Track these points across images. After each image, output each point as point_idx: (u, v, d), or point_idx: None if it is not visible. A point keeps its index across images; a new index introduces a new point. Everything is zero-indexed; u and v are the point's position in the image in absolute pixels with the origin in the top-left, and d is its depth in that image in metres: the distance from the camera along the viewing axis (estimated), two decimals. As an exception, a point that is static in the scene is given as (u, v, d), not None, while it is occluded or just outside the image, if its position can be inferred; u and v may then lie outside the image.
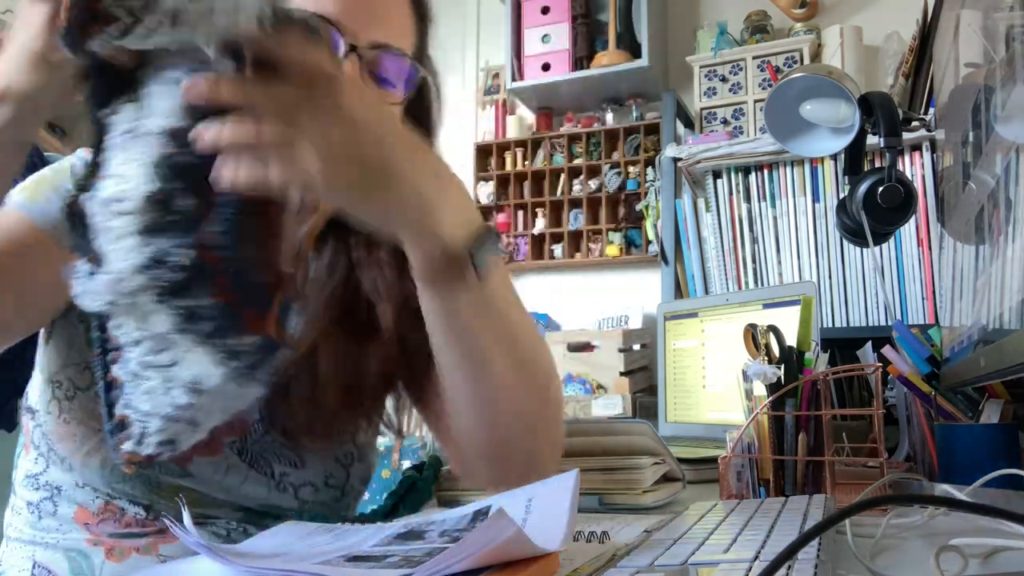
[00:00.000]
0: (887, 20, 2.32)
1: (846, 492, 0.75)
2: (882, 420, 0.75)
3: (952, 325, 0.97)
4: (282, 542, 0.56)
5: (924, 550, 0.55)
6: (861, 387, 1.42)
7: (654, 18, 2.52)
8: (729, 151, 2.05)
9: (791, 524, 0.54)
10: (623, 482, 0.77)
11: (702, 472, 1.01)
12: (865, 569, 0.48)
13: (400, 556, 0.45)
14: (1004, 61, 0.66)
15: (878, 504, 0.60)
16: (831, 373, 0.79)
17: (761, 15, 2.46)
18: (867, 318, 1.91)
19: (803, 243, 1.99)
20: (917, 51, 1.95)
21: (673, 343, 1.58)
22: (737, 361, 0.84)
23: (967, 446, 0.81)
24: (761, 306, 1.37)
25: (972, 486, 0.69)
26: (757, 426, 0.79)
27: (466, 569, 0.40)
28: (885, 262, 1.89)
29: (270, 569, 0.45)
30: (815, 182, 1.99)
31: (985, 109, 0.74)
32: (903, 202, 1.04)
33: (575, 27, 2.60)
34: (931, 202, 1.83)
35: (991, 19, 0.73)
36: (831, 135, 1.13)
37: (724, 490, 0.80)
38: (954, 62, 1.00)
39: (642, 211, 2.56)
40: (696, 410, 1.49)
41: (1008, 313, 0.62)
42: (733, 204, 2.08)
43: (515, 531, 0.40)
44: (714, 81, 2.35)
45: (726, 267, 2.08)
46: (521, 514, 0.51)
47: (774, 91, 1.12)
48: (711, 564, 0.44)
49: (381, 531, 0.54)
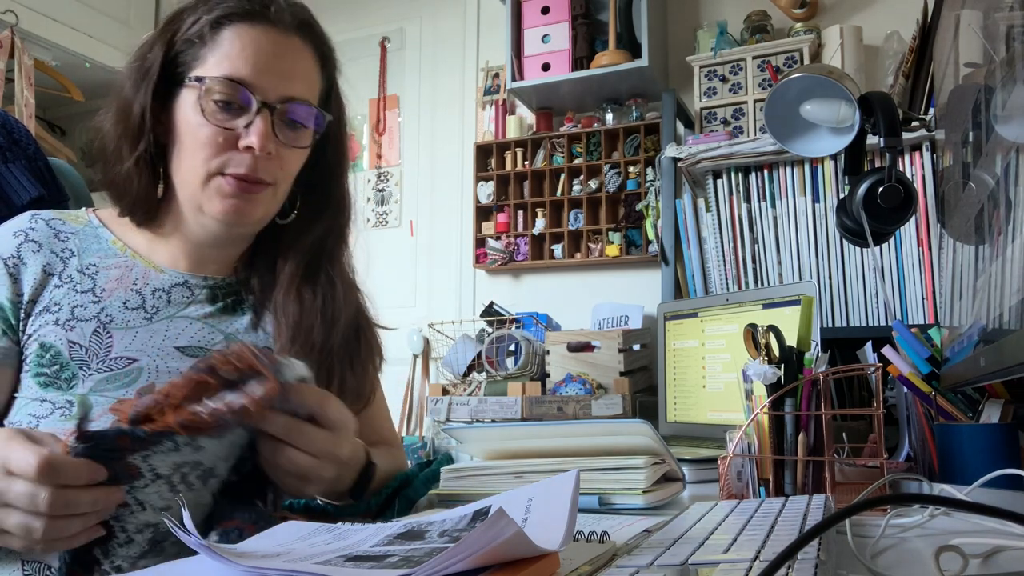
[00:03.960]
0: (887, 20, 2.32)
1: (846, 492, 0.75)
2: (882, 420, 0.75)
3: (952, 325, 0.97)
4: (282, 542, 0.56)
5: (924, 550, 0.55)
6: (861, 387, 1.42)
7: (654, 18, 2.52)
8: (729, 151, 2.05)
9: (791, 524, 0.54)
10: (623, 482, 0.77)
11: (702, 472, 1.01)
12: (865, 569, 0.48)
13: (400, 556, 0.45)
14: (1004, 61, 0.66)
15: (878, 504, 0.60)
16: (831, 373, 0.79)
17: (761, 15, 2.46)
18: (867, 318, 1.91)
19: (803, 243, 1.99)
20: (917, 51, 1.96)
21: (673, 343, 1.58)
22: (737, 361, 0.84)
23: (967, 446, 0.81)
24: (761, 306, 1.37)
25: (972, 486, 0.69)
26: (757, 426, 0.79)
27: (466, 569, 0.40)
28: (885, 262, 1.89)
29: (270, 569, 0.45)
30: (815, 182, 1.99)
31: (985, 109, 0.74)
32: (903, 202, 1.04)
33: (575, 27, 2.60)
34: (931, 202, 1.83)
35: (991, 19, 0.73)
36: (831, 135, 1.13)
37: (724, 490, 0.80)
38: (954, 62, 1.00)
39: (642, 211, 2.56)
40: (696, 410, 1.49)
41: (1008, 313, 0.62)
42: (733, 204, 2.08)
43: (515, 531, 0.40)
44: (714, 81, 2.35)
45: (726, 267, 2.08)
46: (521, 514, 0.51)
47: (774, 91, 1.12)
48: (711, 564, 0.44)
49: (381, 531, 0.54)
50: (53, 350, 0.81)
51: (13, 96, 2.61)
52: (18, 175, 1.02)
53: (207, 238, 0.90)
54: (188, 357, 0.85)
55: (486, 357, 2.50)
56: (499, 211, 2.82)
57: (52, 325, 0.82)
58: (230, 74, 0.82)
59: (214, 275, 0.92)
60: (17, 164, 1.03)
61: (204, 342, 0.87)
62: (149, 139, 0.85)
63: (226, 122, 0.83)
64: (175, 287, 0.89)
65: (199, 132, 0.83)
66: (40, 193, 1.03)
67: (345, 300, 0.94)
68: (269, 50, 0.84)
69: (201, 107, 0.82)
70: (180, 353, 0.85)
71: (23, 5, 2.64)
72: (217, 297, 0.91)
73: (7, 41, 2.58)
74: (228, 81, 0.82)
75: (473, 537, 0.39)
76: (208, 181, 0.84)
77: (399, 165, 3.13)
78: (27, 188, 1.02)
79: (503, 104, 2.92)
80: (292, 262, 0.93)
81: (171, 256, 0.91)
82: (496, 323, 2.71)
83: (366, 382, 0.96)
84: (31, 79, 2.68)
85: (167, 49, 0.85)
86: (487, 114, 2.96)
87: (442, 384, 2.57)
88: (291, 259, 0.93)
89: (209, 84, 0.82)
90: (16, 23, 2.61)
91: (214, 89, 0.82)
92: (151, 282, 0.88)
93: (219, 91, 0.82)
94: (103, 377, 0.81)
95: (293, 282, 0.91)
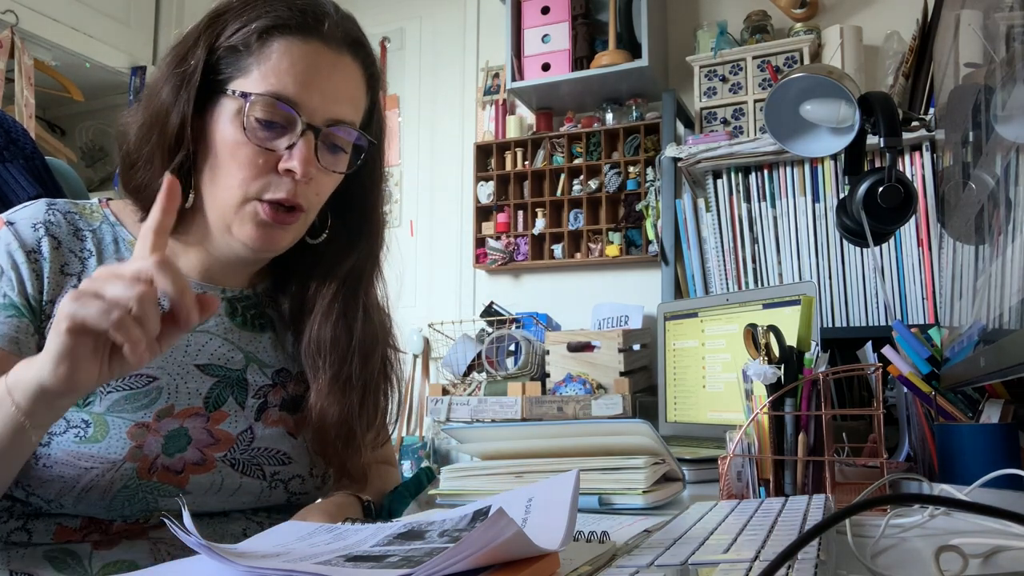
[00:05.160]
0: (887, 20, 2.32)
1: (846, 492, 0.75)
2: (882, 420, 0.75)
3: (952, 325, 0.97)
4: (282, 542, 0.56)
5: (924, 550, 0.55)
6: (861, 387, 1.42)
7: (654, 18, 2.52)
8: (729, 151, 2.05)
9: (791, 524, 0.54)
10: (623, 482, 0.77)
11: (702, 472, 1.01)
12: (865, 569, 0.48)
13: (400, 556, 0.45)
14: (1004, 61, 0.66)
15: (878, 504, 0.60)
16: (831, 373, 0.79)
17: (761, 15, 2.46)
18: (867, 318, 1.91)
19: (803, 243, 1.99)
20: (917, 51, 1.96)
21: (673, 343, 1.58)
22: (737, 361, 0.84)
23: (967, 446, 0.81)
24: (761, 306, 1.37)
25: (972, 486, 0.69)
26: (757, 426, 0.79)
27: (466, 569, 0.40)
28: (885, 262, 1.89)
29: (270, 569, 0.45)
30: (815, 182, 1.99)
31: (985, 109, 0.74)
32: (903, 202, 1.04)
33: (575, 27, 2.60)
34: (931, 202, 1.83)
35: (991, 19, 0.73)
36: (831, 135, 1.13)
37: (724, 490, 0.80)
38: (954, 62, 1.00)
39: (642, 211, 2.56)
40: (696, 410, 1.49)
41: (1008, 313, 0.62)
42: (733, 204, 2.08)
43: (515, 531, 0.40)
44: (714, 81, 2.35)
45: (726, 267, 2.08)
46: (521, 514, 0.51)
47: (774, 91, 1.12)
48: (711, 564, 0.44)
49: (381, 531, 0.54)
50: None
51: (13, 96, 2.61)
52: (15, 175, 1.01)
53: (230, 256, 0.85)
54: (208, 376, 0.82)
55: (486, 357, 2.50)
56: (499, 211, 2.82)
57: None
58: (278, 91, 0.77)
59: (232, 287, 0.89)
60: (14, 164, 1.02)
61: (224, 360, 0.84)
62: (189, 151, 0.79)
63: (267, 141, 0.78)
64: None
65: (238, 151, 0.78)
66: (38, 193, 1.02)
67: (379, 332, 0.92)
68: (319, 69, 0.79)
69: (242, 123, 0.77)
70: (200, 372, 0.82)
71: (23, 5, 2.64)
72: (236, 311, 0.88)
73: (7, 41, 2.58)
74: (275, 100, 0.77)
75: (473, 537, 0.39)
76: (243, 205, 0.79)
77: (399, 165, 3.13)
78: (25, 188, 1.01)
79: (503, 104, 2.92)
80: (329, 289, 0.89)
81: (189, 264, 0.86)
82: (496, 323, 2.71)
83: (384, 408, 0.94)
84: (31, 79, 2.68)
85: (208, 54, 0.79)
86: (487, 114, 2.96)
87: (442, 384, 2.57)
88: (328, 285, 0.89)
89: (255, 100, 0.77)
90: (16, 23, 2.61)
91: (259, 106, 0.77)
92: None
93: (264, 109, 0.77)
94: (121, 396, 0.76)
95: (331, 312, 0.88)
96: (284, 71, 0.77)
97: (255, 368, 0.86)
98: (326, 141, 0.81)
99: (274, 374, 0.88)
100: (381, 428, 0.96)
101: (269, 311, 0.91)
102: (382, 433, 0.99)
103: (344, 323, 0.88)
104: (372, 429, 0.91)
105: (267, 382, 0.86)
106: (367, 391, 0.88)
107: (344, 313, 0.88)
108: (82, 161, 3.17)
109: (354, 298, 0.90)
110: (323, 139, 0.80)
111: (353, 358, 0.87)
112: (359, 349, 0.88)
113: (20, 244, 0.78)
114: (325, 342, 0.87)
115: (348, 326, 0.88)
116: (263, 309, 0.91)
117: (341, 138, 0.82)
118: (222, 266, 0.87)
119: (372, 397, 0.89)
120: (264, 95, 0.77)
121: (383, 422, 0.96)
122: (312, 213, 0.84)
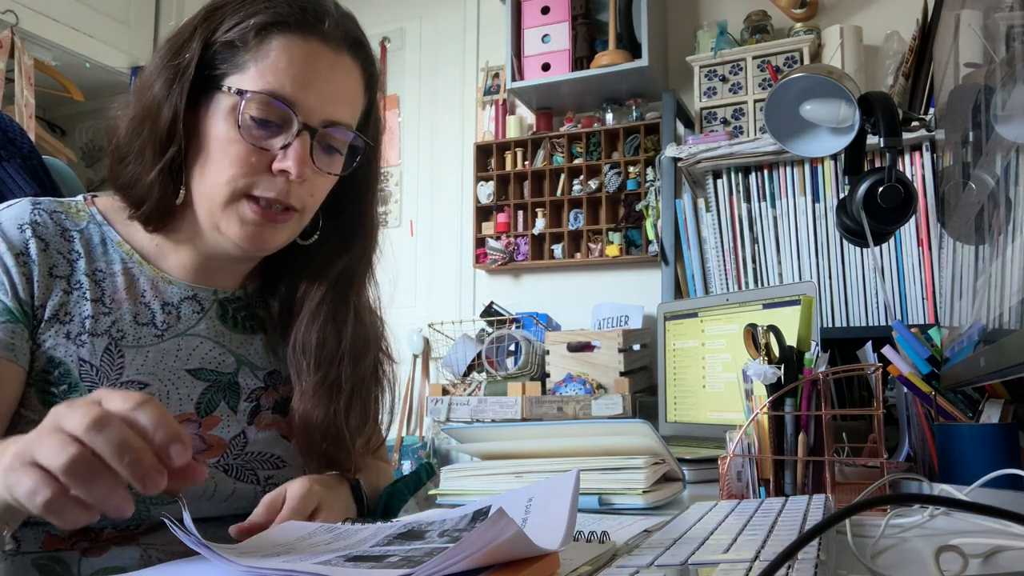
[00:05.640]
0: (887, 20, 2.32)
1: (846, 492, 0.75)
2: (882, 420, 0.75)
3: (952, 325, 0.97)
4: (282, 542, 0.56)
5: (924, 550, 0.55)
6: (861, 387, 1.42)
7: (654, 18, 2.52)
8: (729, 151, 2.05)
9: (791, 524, 0.54)
10: (623, 482, 0.77)
11: (702, 472, 1.01)
12: (865, 569, 0.48)
13: (400, 556, 0.45)
14: (1004, 61, 0.66)
15: (878, 504, 0.60)
16: (831, 373, 0.79)
17: (761, 15, 2.46)
18: (867, 318, 1.91)
19: (803, 243, 1.99)
20: (917, 51, 1.96)
21: (673, 343, 1.58)
22: (737, 361, 0.84)
23: (967, 446, 0.81)
24: (761, 306, 1.37)
25: (972, 486, 0.69)
26: (757, 426, 0.79)
27: (466, 569, 0.40)
28: (885, 262, 1.89)
29: (270, 569, 0.45)
30: (815, 182, 1.99)
31: (985, 109, 0.74)
32: (903, 202, 1.04)
33: (575, 27, 2.60)
34: (931, 202, 1.83)
35: (991, 19, 0.73)
36: (831, 135, 1.13)
37: (724, 490, 0.80)
38: (954, 62, 1.00)
39: (642, 211, 2.56)
40: (696, 410, 1.49)
41: (1008, 313, 0.62)
42: (733, 204, 2.08)
43: (515, 531, 0.40)
44: (714, 81, 2.35)
45: (726, 267, 2.08)
46: (521, 514, 0.51)
47: (774, 91, 1.12)
48: (711, 564, 0.44)
49: (381, 531, 0.54)
50: (63, 367, 0.75)
51: (13, 96, 2.61)
52: (13, 174, 1.01)
53: (221, 254, 0.84)
54: (199, 381, 0.81)
55: (486, 357, 2.50)
56: (499, 211, 2.81)
57: (62, 338, 0.76)
58: (275, 90, 0.75)
59: (223, 288, 0.87)
60: (12, 163, 1.01)
61: (215, 364, 0.83)
62: (180, 146, 0.77)
63: (261, 140, 0.76)
64: (184, 300, 0.84)
65: (230, 148, 0.76)
66: (35, 192, 1.02)
67: (370, 335, 0.90)
68: (318, 69, 0.77)
69: (237, 120, 0.75)
70: (191, 377, 0.81)
71: (23, 5, 2.64)
72: (227, 312, 0.87)
73: (7, 41, 2.58)
74: (271, 98, 0.75)
75: (473, 537, 0.39)
76: (231, 202, 0.78)
77: (399, 165, 3.13)
78: (22, 188, 1.01)
79: (503, 104, 2.92)
80: (318, 291, 0.87)
81: (179, 264, 0.84)
82: (496, 323, 2.71)
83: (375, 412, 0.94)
84: (31, 79, 2.68)
85: (204, 48, 0.77)
86: (487, 114, 2.96)
87: (442, 384, 2.57)
88: (317, 287, 0.87)
89: (251, 98, 0.75)
90: (16, 23, 2.61)
91: (255, 104, 0.75)
92: (160, 294, 0.83)
93: (260, 107, 0.75)
94: None
95: (319, 314, 0.86)
96: (282, 70, 0.76)
97: (247, 371, 0.85)
98: (322, 142, 0.80)
99: (266, 376, 0.87)
100: (374, 431, 0.95)
101: (260, 312, 0.90)
102: (375, 436, 0.98)
103: (333, 326, 0.87)
104: (363, 433, 0.89)
105: (259, 385, 0.86)
106: (355, 394, 0.87)
107: (334, 316, 0.87)
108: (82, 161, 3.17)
109: (344, 301, 0.88)
110: (319, 140, 0.79)
111: (343, 361, 0.86)
112: (349, 352, 0.87)
113: (8, 246, 0.76)
114: (311, 345, 0.85)
115: (337, 329, 0.87)
116: (254, 310, 0.89)
117: (337, 139, 0.81)
118: (213, 265, 0.85)
119: (361, 400, 0.88)
120: (261, 93, 0.75)
121: (375, 425, 0.95)
122: (308, 213, 0.83)
